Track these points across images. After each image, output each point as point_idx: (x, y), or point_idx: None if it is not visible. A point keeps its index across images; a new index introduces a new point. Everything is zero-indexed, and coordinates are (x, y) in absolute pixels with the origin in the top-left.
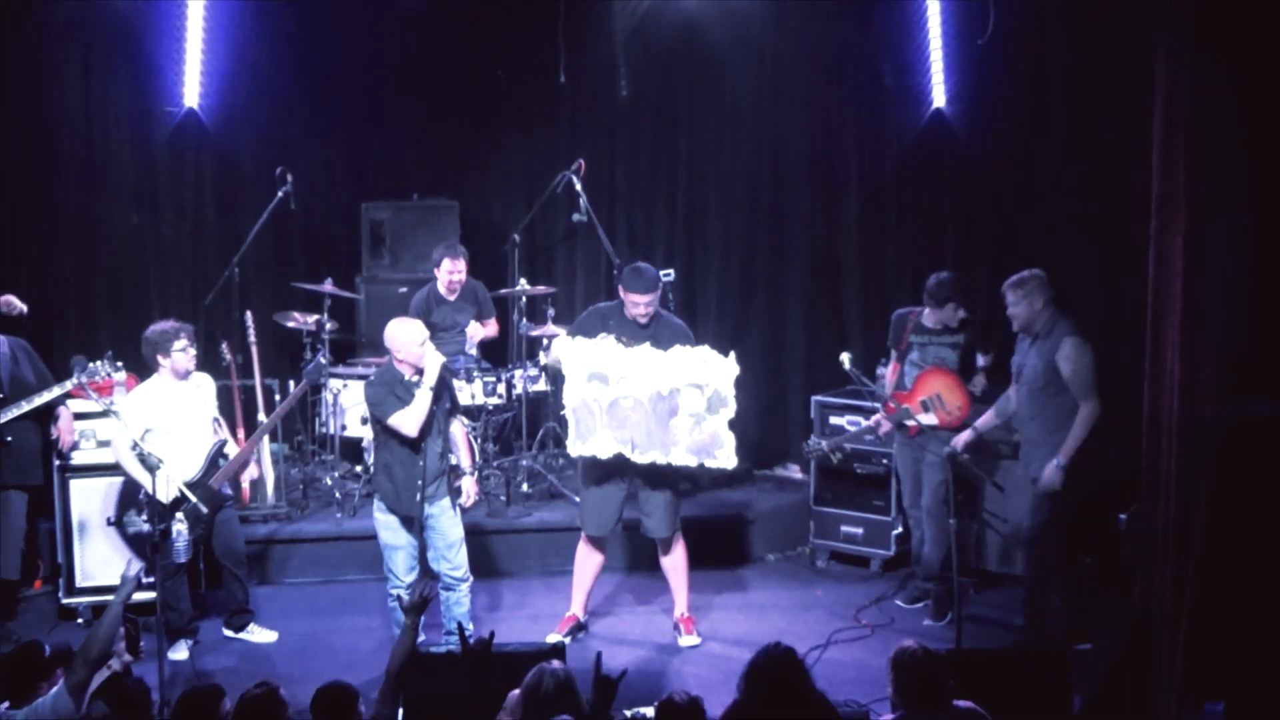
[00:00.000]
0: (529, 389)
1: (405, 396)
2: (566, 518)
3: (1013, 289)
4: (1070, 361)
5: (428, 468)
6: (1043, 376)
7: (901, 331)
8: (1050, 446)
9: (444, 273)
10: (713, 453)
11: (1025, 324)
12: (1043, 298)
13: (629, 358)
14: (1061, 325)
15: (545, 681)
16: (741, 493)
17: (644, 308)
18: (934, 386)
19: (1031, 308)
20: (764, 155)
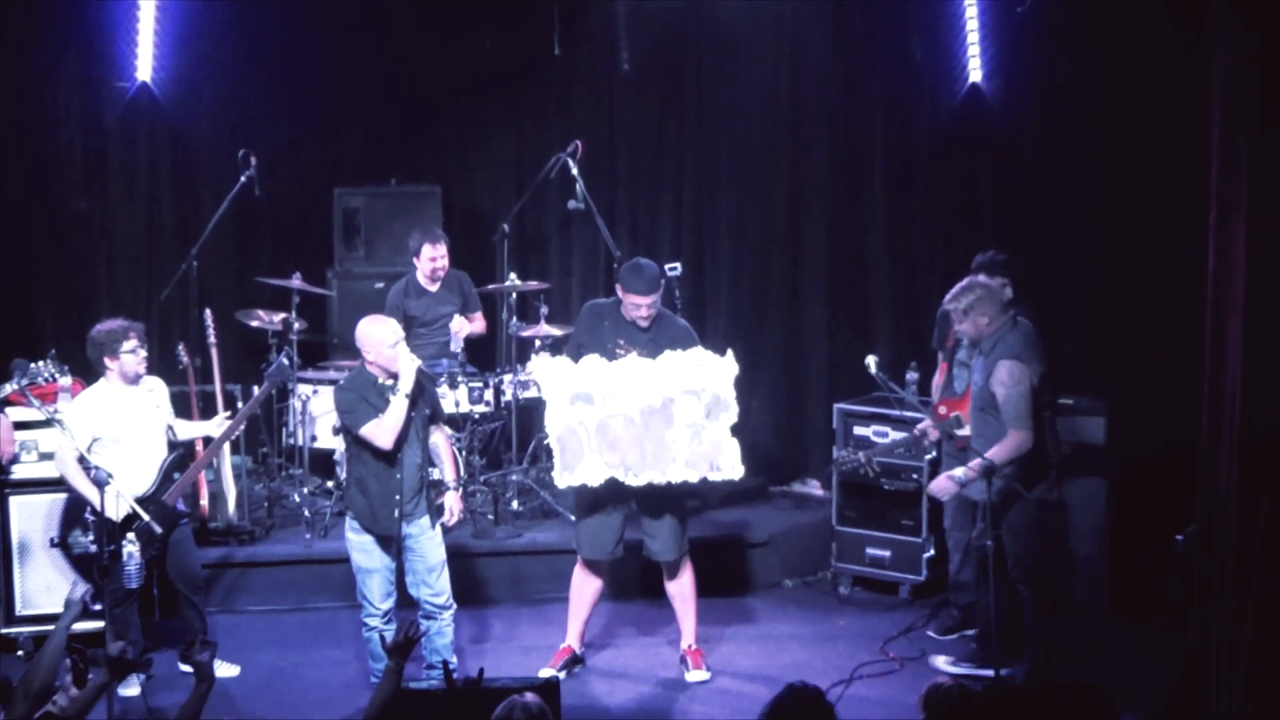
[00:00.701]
0: (519, 396)
1: (378, 403)
2: (561, 539)
3: (954, 304)
4: (1004, 386)
5: (405, 482)
6: (980, 396)
7: (948, 328)
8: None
9: (424, 259)
10: (716, 464)
11: (974, 339)
12: (990, 310)
13: (614, 372)
14: (1005, 343)
15: (516, 716)
16: (755, 511)
17: (645, 310)
18: None
19: (978, 324)
20: (781, 136)
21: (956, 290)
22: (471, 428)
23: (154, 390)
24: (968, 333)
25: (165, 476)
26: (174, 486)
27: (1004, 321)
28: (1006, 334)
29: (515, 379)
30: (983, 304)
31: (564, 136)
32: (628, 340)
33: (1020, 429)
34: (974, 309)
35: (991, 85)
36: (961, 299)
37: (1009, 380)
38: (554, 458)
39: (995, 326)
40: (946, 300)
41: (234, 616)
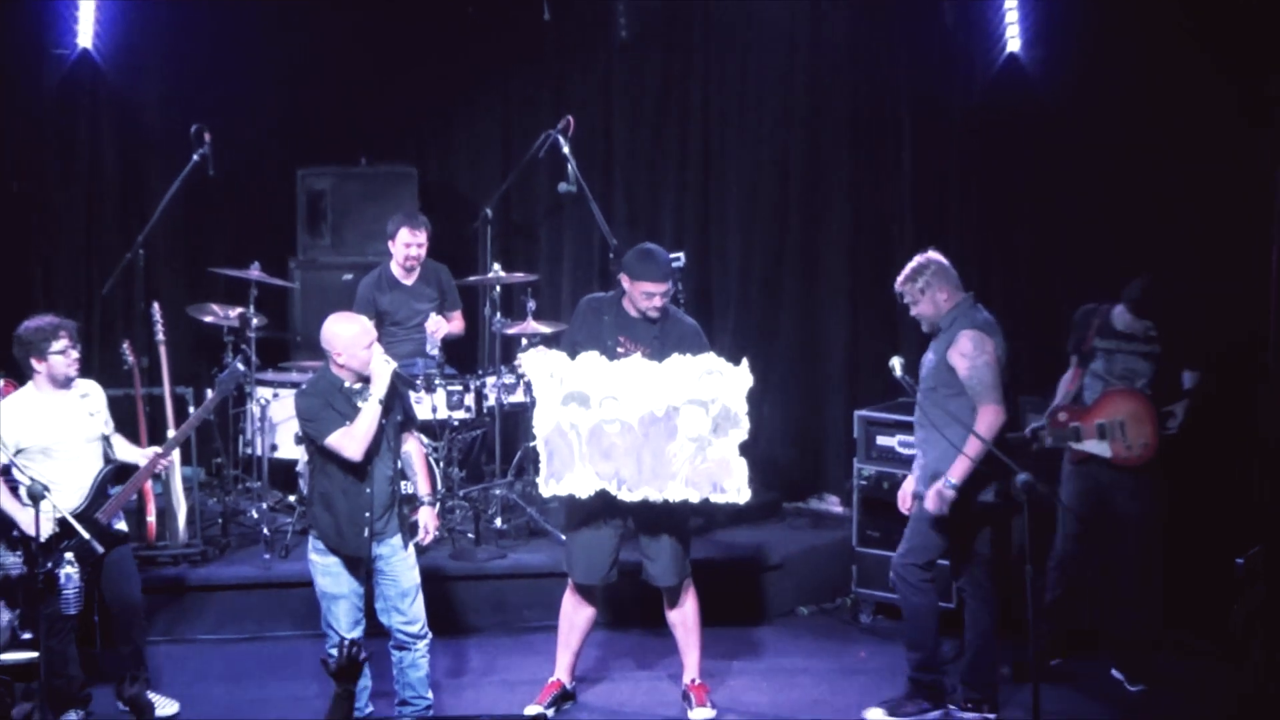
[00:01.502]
0: (504, 400)
1: (346, 410)
2: (549, 561)
3: (908, 285)
4: (966, 357)
5: (375, 497)
6: (933, 375)
7: (1085, 332)
8: (937, 458)
9: (400, 246)
10: (720, 485)
11: (932, 321)
12: (948, 285)
13: (614, 373)
14: (967, 317)
15: None
16: (767, 530)
17: (659, 300)
18: (1120, 410)
19: (936, 303)
20: (797, 112)
21: (909, 270)
22: (450, 436)
23: (89, 396)
24: (926, 315)
25: (98, 491)
26: (109, 503)
27: (963, 299)
28: (967, 311)
29: (499, 382)
30: (940, 280)
31: (554, 112)
32: (631, 338)
33: (991, 402)
34: (931, 286)
35: (1031, 55)
36: (917, 278)
37: (972, 350)
38: (540, 463)
39: (954, 302)
40: (900, 283)
41: (184, 646)
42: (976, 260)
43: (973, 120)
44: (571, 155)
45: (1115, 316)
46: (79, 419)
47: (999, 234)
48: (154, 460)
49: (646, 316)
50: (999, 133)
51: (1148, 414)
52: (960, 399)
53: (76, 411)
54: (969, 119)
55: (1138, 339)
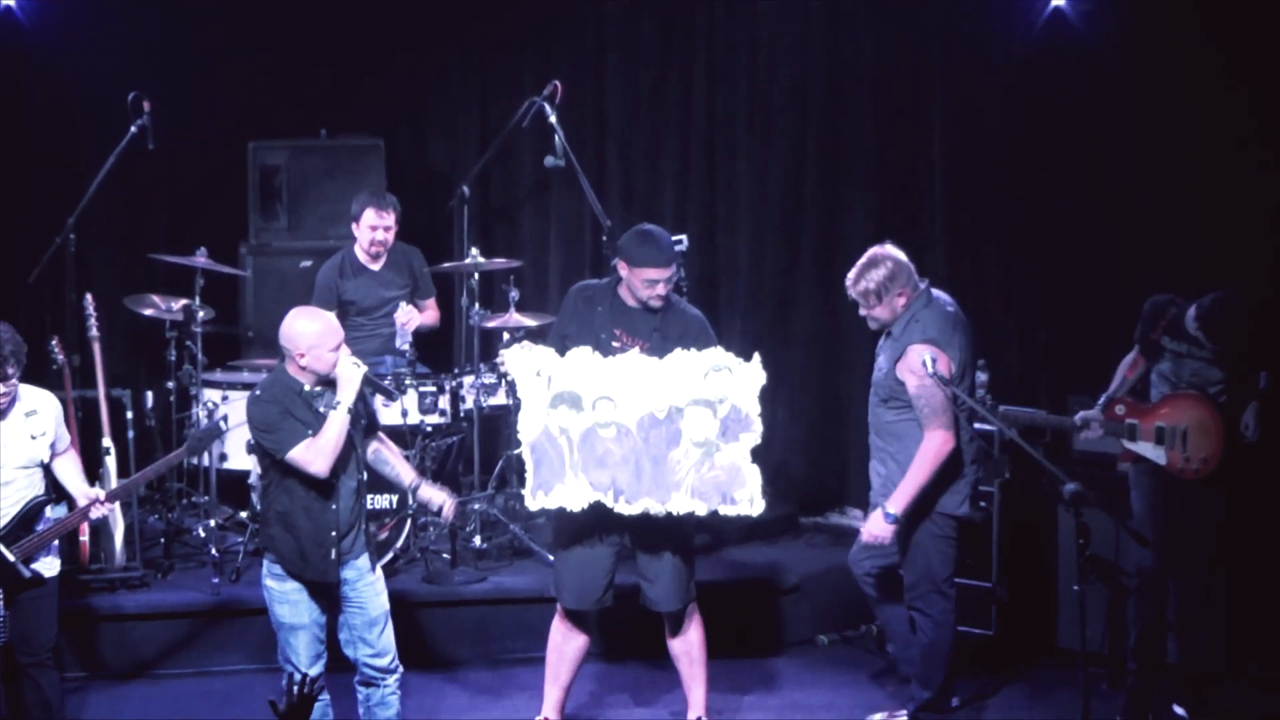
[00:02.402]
0: (483, 403)
1: (308, 417)
2: (535, 584)
3: (862, 288)
4: (915, 375)
5: (341, 514)
6: (884, 387)
7: (1153, 325)
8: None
9: (365, 229)
10: (730, 495)
11: (885, 324)
12: (907, 288)
13: (609, 370)
14: (919, 323)
15: None
16: (782, 549)
17: (663, 287)
18: (1184, 417)
19: (894, 308)
20: (814, 78)
21: (862, 266)
22: (422, 444)
23: (36, 414)
24: (881, 318)
25: (23, 521)
26: (31, 539)
27: (919, 294)
28: (920, 311)
29: (478, 382)
30: (899, 281)
31: (539, 77)
32: (628, 331)
33: (939, 427)
34: (888, 291)
35: (1079, 9)
36: (871, 275)
37: (920, 363)
38: (525, 473)
39: (908, 301)
40: (851, 281)
41: (120, 684)
42: (1019, 247)
43: (1012, 83)
44: (559, 125)
45: (1189, 319)
46: (16, 442)
47: (1044, 216)
48: (90, 506)
49: (647, 306)
50: (1043, 96)
51: (1215, 425)
52: (909, 412)
53: (15, 433)
54: (1008, 82)
55: (1208, 345)
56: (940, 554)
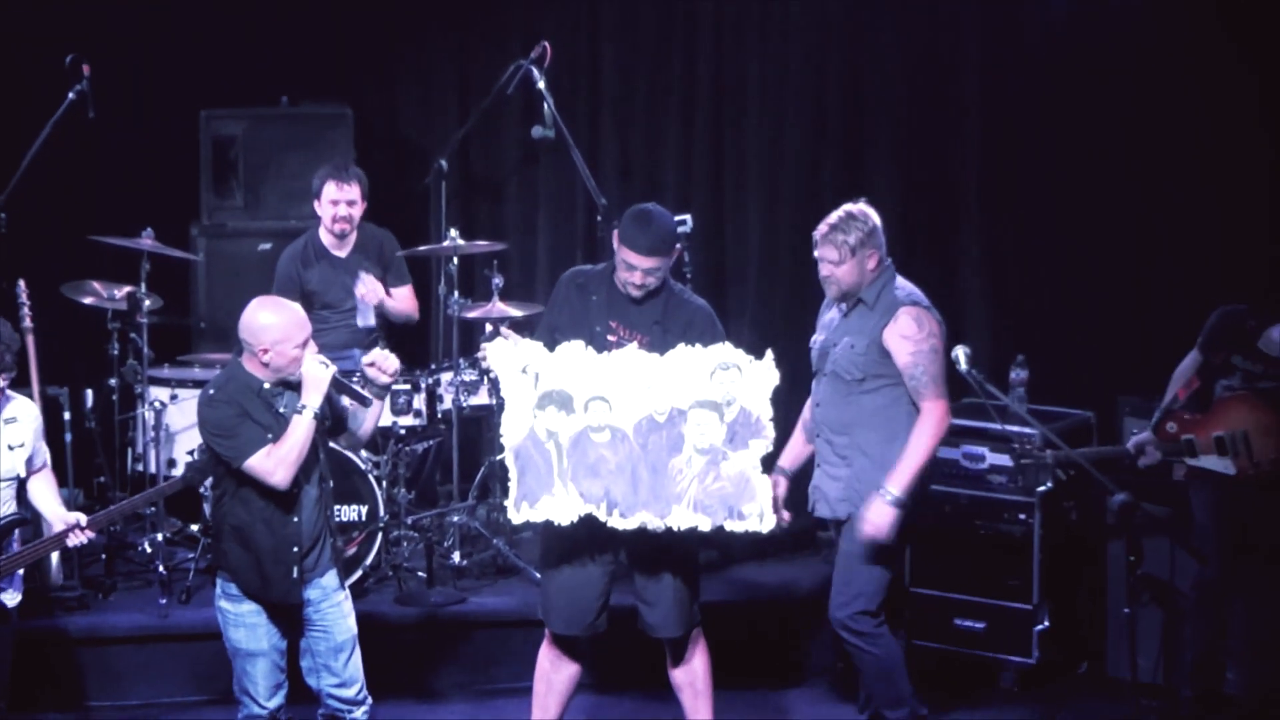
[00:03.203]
0: (463, 403)
1: (266, 420)
2: (521, 605)
3: (836, 239)
4: (910, 341)
5: (304, 527)
6: (861, 364)
7: (1220, 339)
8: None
9: (326, 204)
10: (737, 509)
11: (850, 290)
12: (879, 250)
13: (604, 368)
14: (893, 290)
15: None
16: (797, 566)
17: (639, 276)
18: (1241, 420)
19: (864, 270)
20: (835, 43)
21: (843, 216)
22: (395, 449)
23: (16, 422)
24: (845, 281)
25: None
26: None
27: (888, 267)
28: (890, 281)
29: (457, 379)
30: (874, 241)
31: (526, 39)
32: (625, 323)
33: (938, 396)
34: (864, 246)
35: None
36: (850, 232)
37: (917, 331)
38: (509, 482)
39: (878, 272)
40: (828, 231)
41: (56, 717)
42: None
43: (1055, 55)
44: (548, 92)
45: (1267, 340)
46: None
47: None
48: (68, 531)
49: (626, 291)
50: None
51: (1275, 422)
52: (893, 391)
53: None
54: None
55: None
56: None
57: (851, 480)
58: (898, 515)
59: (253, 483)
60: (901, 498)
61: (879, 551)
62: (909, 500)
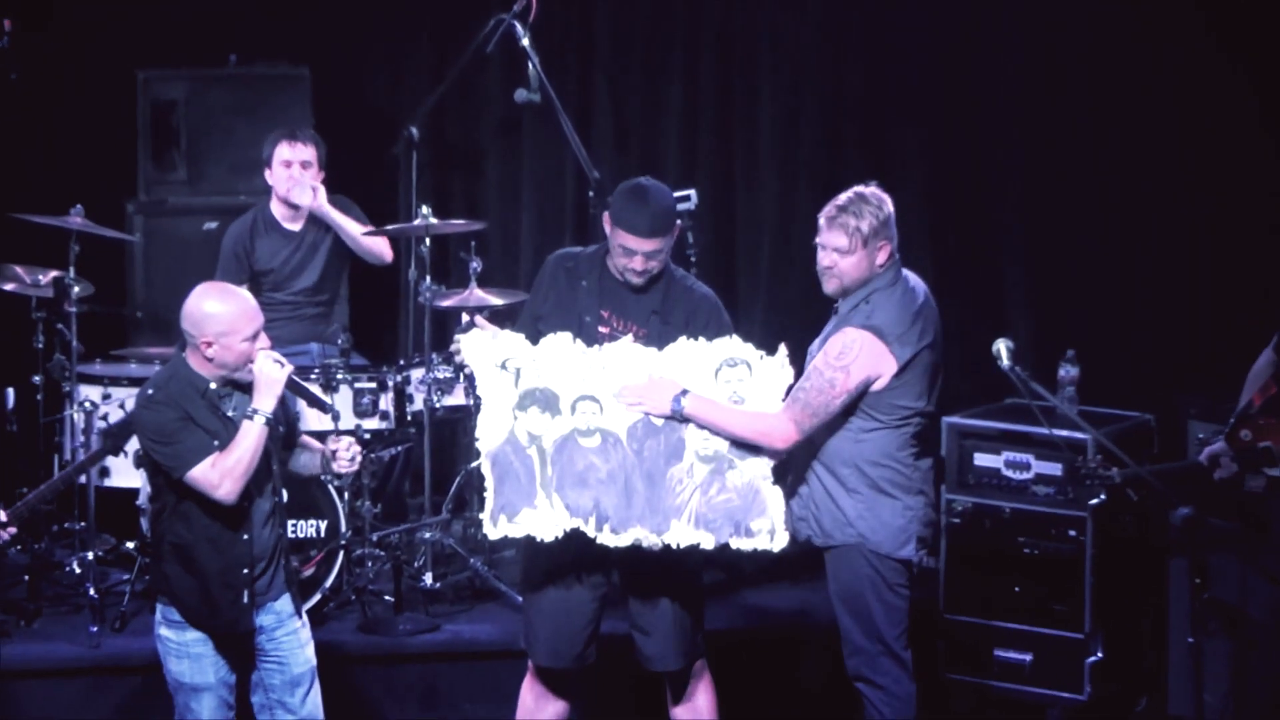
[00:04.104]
0: (435, 403)
1: (214, 425)
2: (501, 634)
3: (848, 223)
4: (824, 358)
5: (255, 546)
6: None
7: None
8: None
9: (278, 167)
10: (745, 524)
11: (852, 286)
12: (891, 242)
13: (594, 364)
14: (874, 306)
15: None
16: (817, 590)
17: (640, 262)
18: None
19: (872, 262)
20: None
21: (855, 198)
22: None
23: None
24: (849, 275)
25: None
26: None
27: (889, 266)
28: (883, 289)
29: (428, 377)
30: (886, 231)
31: None
32: (619, 313)
33: (794, 418)
34: (876, 237)
35: None
36: (868, 211)
37: (837, 355)
38: (486, 493)
39: (886, 268)
40: (835, 213)
41: None
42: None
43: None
44: (533, 50)
45: None
46: None
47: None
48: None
49: (624, 279)
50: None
51: None
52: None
53: None
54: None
55: None
56: (885, 605)
57: (809, 501)
58: (671, 406)
59: (196, 496)
60: (685, 411)
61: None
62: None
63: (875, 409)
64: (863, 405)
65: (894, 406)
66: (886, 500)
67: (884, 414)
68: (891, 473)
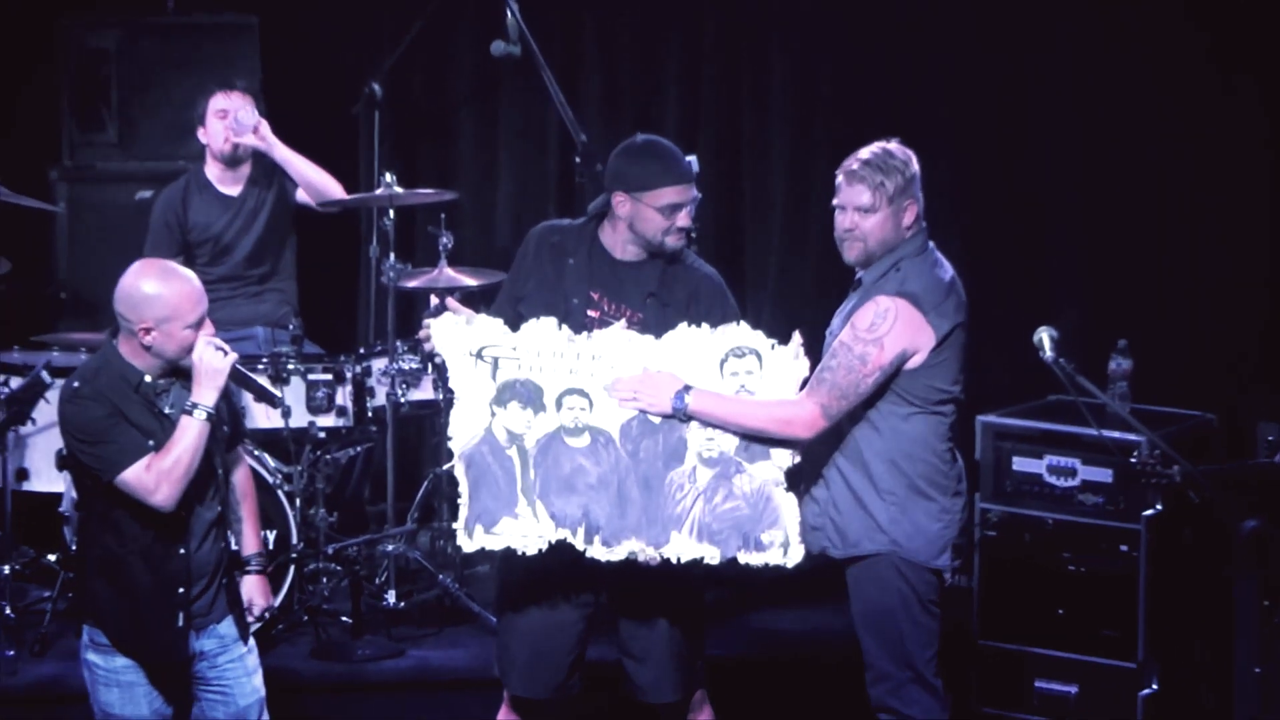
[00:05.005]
0: (400, 397)
1: (148, 423)
2: (473, 660)
3: (868, 176)
4: (852, 331)
5: (194, 561)
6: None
7: None
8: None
9: (212, 121)
10: (755, 535)
11: (875, 251)
12: (918, 204)
13: (583, 353)
14: (908, 273)
15: None
16: (831, 612)
17: (686, 215)
18: None
19: (897, 225)
20: None
21: (882, 152)
22: (312, 457)
23: None
24: (873, 238)
25: None
26: None
27: (916, 234)
28: (912, 256)
29: (392, 367)
30: (912, 190)
31: None
32: (611, 295)
33: (820, 405)
34: (903, 196)
35: None
36: (888, 172)
37: (868, 326)
38: (459, 500)
39: (912, 233)
40: (849, 173)
41: None
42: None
43: None
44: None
45: None
46: None
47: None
48: None
49: (662, 250)
50: None
51: None
52: (889, 400)
53: None
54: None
55: None
56: (916, 625)
57: (828, 506)
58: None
59: (129, 503)
60: (688, 409)
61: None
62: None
63: (909, 391)
64: (894, 386)
65: (930, 389)
66: (922, 502)
67: (919, 397)
68: (930, 469)
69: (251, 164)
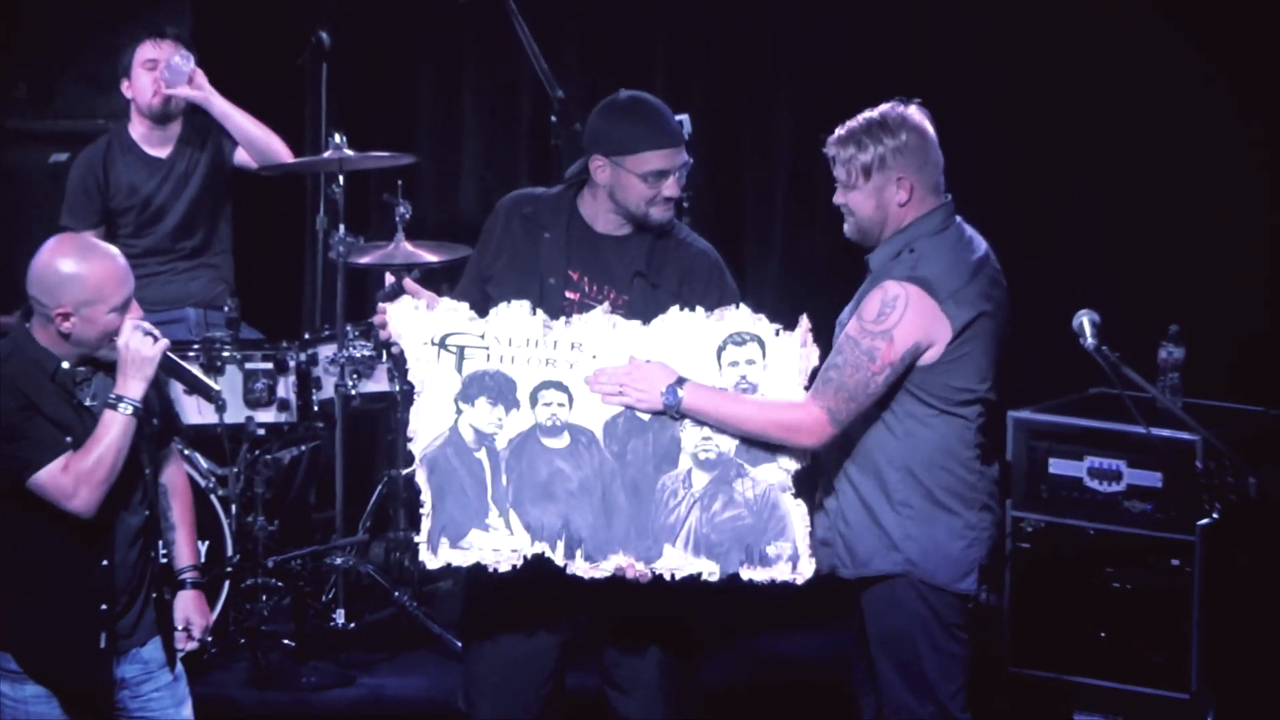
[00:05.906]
0: (351, 389)
1: (65, 416)
2: (434, 688)
3: (842, 151)
4: (858, 324)
5: (118, 575)
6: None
7: None
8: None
9: (139, 72)
10: (759, 548)
11: (869, 229)
12: (912, 178)
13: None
14: (919, 257)
15: None
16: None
17: (674, 183)
18: None
19: (882, 204)
20: None
21: (867, 122)
22: (250, 458)
23: None
24: (861, 213)
25: None
26: None
27: (931, 212)
28: (928, 235)
29: (342, 355)
30: (908, 162)
31: None
32: (592, 274)
33: (825, 409)
34: (889, 168)
35: None
36: (863, 146)
37: (875, 316)
38: (421, 508)
39: (917, 214)
40: (840, 140)
41: None
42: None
43: None
44: None
45: None
46: None
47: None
48: None
49: (647, 222)
50: None
51: None
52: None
53: None
54: None
55: None
56: (938, 652)
57: (837, 518)
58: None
59: (42, 508)
60: (681, 406)
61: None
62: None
63: (926, 389)
64: (909, 384)
65: (950, 388)
66: (943, 516)
67: (938, 397)
68: (952, 479)
69: (182, 122)
